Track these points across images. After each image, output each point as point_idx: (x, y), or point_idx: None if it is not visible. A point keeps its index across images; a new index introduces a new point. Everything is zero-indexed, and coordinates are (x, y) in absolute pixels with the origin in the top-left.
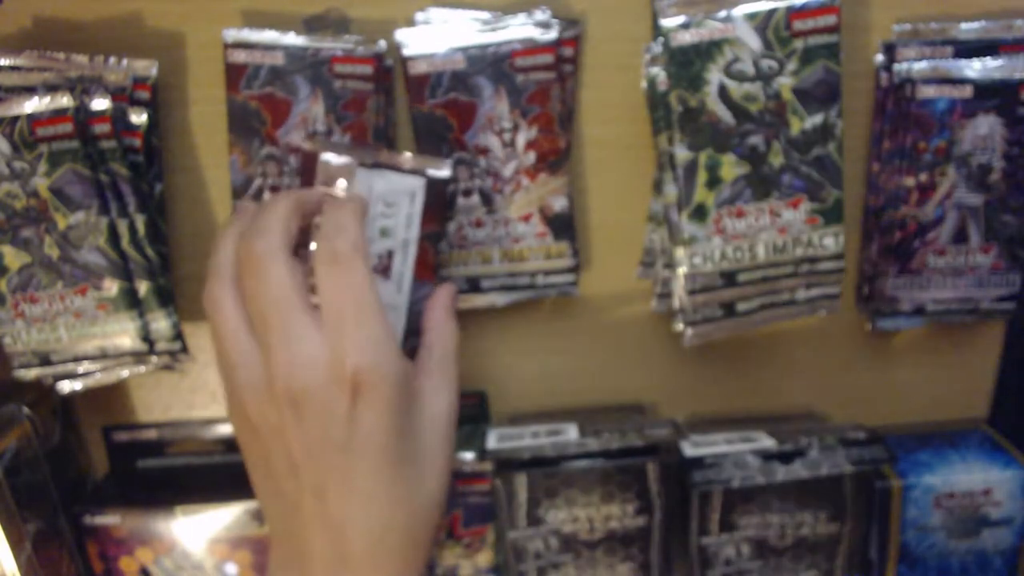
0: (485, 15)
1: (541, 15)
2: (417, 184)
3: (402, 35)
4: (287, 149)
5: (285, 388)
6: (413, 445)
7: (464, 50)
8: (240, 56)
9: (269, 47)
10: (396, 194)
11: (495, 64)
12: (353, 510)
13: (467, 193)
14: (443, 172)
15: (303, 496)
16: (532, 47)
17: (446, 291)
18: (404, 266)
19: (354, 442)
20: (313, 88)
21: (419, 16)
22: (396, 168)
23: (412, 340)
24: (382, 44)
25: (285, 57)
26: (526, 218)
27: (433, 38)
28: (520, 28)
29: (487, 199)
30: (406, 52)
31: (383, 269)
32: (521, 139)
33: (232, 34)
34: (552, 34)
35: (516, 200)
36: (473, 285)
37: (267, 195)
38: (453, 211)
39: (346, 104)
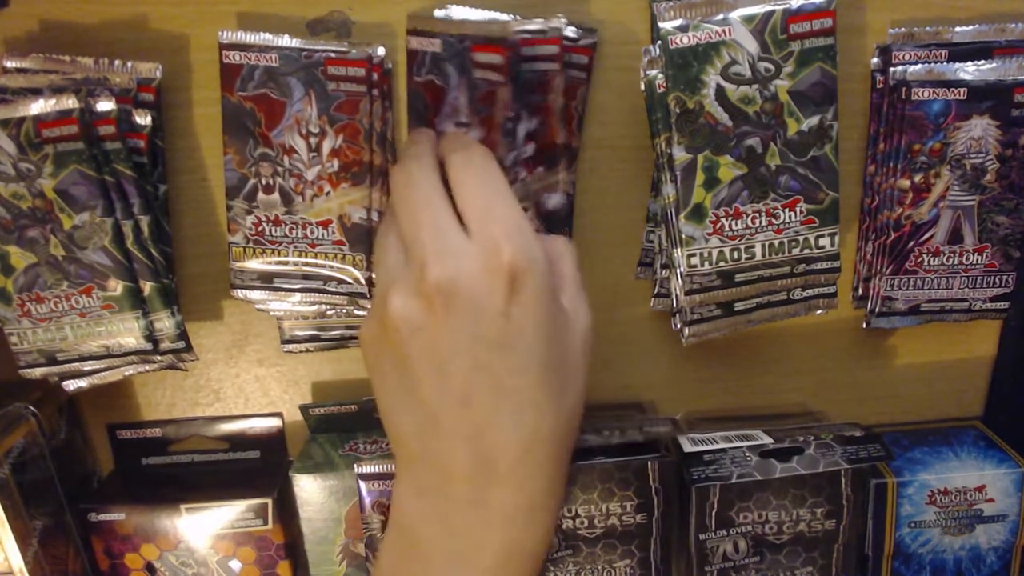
0: (493, 14)
1: (542, 21)
2: None
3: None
4: (281, 149)
5: (437, 280)
6: (559, 352)
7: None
8: (235, 57)
9: (264, 48)
10: None
11: (466, 57)
12: (501, 417)
13: None
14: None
15: (444, 403)
16: (532, 52)
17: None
18: None
19: (507, 338)
20: (307, 89)
21: None
22: None
23: None
24: (376, 47)
25: (280, 59)
26: None
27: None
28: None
29: None
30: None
31: None
32: (521, 130)
33: (227, 35)
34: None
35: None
36: None
37: (261, 195)
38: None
39: (339, 106)
